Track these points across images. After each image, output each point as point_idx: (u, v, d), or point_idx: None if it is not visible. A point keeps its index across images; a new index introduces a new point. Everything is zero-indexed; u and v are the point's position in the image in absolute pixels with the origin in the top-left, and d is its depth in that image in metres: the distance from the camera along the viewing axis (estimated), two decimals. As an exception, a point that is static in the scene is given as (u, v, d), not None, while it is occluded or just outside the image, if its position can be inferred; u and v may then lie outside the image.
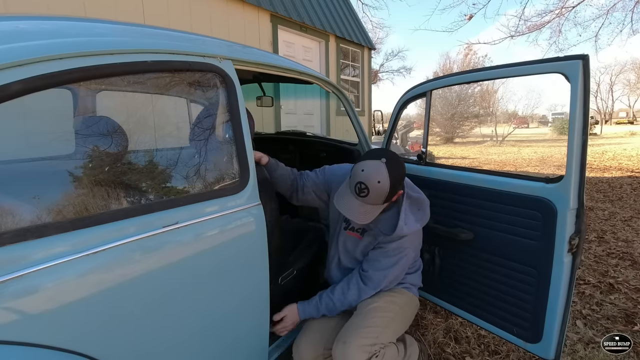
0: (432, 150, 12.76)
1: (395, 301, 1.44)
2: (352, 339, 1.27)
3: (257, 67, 1.30)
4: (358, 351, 1.24)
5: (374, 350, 1.27)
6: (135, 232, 0.85)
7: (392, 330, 1.39)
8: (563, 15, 7.34)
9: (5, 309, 0.67)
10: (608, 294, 2.34)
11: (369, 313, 1.37)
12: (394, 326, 1.40)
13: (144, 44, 0.94)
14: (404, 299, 1.47)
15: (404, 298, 1.48)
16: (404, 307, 1.46)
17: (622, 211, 4.28)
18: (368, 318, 1.35)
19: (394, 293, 1.46)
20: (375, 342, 1.28)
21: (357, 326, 1.32)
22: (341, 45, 6.31)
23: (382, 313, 1.37)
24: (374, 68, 20.56)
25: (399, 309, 1.43)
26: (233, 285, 1.10)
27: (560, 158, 9.91)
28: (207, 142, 1.12)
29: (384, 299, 1.42)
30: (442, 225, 1.62)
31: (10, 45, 0.71)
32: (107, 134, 1.00)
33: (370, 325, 1.32)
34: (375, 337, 1.29)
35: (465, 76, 1.58)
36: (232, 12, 4.23)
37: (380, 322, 1.34)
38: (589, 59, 1.16)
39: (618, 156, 9.83)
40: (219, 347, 1.09)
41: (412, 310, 1.54)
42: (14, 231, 0.69)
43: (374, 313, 1.36)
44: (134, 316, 0.85)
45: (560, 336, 1.29)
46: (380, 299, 1.42)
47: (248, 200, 1.13)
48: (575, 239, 1.23)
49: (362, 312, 1.38)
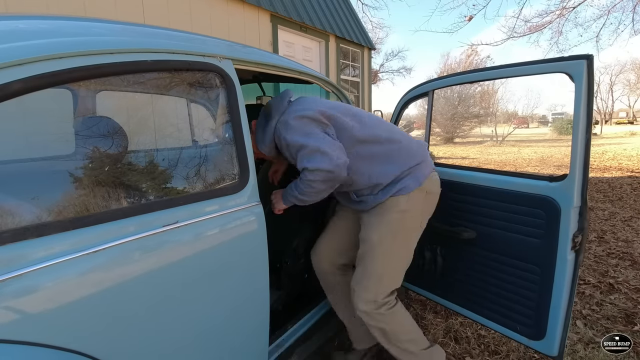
0: (432, 150, 12.74)
1: (386, 229, 1.35)
2: (357, 289, 1.38)
3: (257, 67, 1.30)
4: (364, 304, 1.36)
5: (382, 301, 1.36)
6: (135, 231, 0.85)
7: (393, 267, 1.39)
8: (563, 16, 7.35)
9: (4, 308, 0.66)
10: (608, 294, 2.34)
11: (365, 257, 1.38)
12: (394, 261, 1.38)
13: (144, 43, 0.94)
14: (397, 216, 1.34)
15: (396, 215, 1.34)
16: (399, 227, 1.36)
17: (622, 211, 4.28)
18: (366, 264, 1.38)
19: (383, 211, 1.36)
20: (378, 292, 1.35)
21: (360, 275, 1.39)
22: (341, 45, 6.31)
23: (376, 254, 1.36)
24: (374, 68, 20.57)
25: (390, 238, 1.35)
26: (233, 284, 1.10)
27: (560, 158, 9.91)
28: (207, 141, 1.12)
29: (376, 229, 1.36)
30: (444, 224, 1.62)
31: (10, 45, 0.71)
32: (106, 134, 0.99)
33: (369, 275, 1.36)
34: (376, 287, 1.35)
35: (468, 76, 1.58)
36: (232, 12, 4.23)
37: (376, 269, 1.36)
38: (593, 58, 1.17)
39: (618, 156, 9.83)
40: (219, 346, 1.09)
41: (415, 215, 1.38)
42: (13, 230, 0.69)
43: (370, 257, 1.37)
44: (134, 315, 0.85)
45: (564, 333, 1.30)
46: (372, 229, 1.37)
47: (248, 200, 1.13)
48: (579, 237, 1.24)
49: (360, 253, 1.41)
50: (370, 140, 1.34)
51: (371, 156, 1.34)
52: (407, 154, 1.37)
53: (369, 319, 1.39)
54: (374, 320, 1.38)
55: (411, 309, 2.21)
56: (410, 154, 1.38)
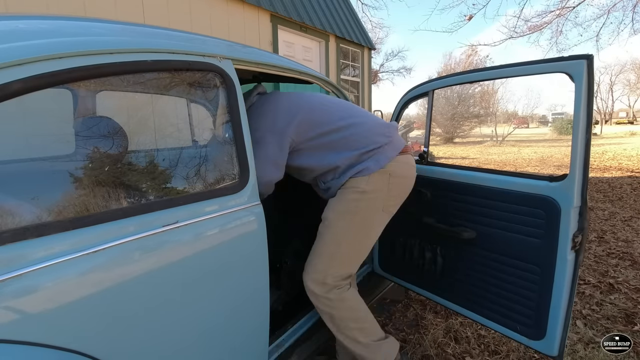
0: (432, 150, 12.76)
1: (343, 208, 1.33)
2: (307, 268, 1.36)
3: (257, 67, 1.30)
4: (312, 283, 1.33)
5: (332, 284, 1.32)
6: (135, 231, 0.85)
7: (346, 249, 1.34)
8: (563, 15, 7.35)
9: (4, 308, 0.66)
10: (608, 294, 2.34)
11: (320, 235, 1.36)
12: (347, 243, 1.34)
13: (144, 43, 0.94)
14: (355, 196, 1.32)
15: (354, 195, 1.32)
16: (356, 207, 1.32)
17: (622, 211, 4.28)
18: (319, 242, 1.36)
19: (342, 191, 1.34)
20: (327, 274, 1.32)
21: (312, 253, 1.37)
22: (341, 45, 6.31)
23: (330, 232, 1.33)
24: (374, 68, 20.57)
25: (347, 218, 1.32)
26: (233, 284, 1.10)
27: (560, 158, 9.91)
28: (207, 141, 1.12)
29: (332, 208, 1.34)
30: (444, 224, 1.62)
31: (10, 45, 0.71)
32: (106, 134, 0.99)
33: (319, 254, 1.34)
34: (326, 268, 1.32)
35: (468, 76, 1.58)
36: (232, 12, 4.23)
37: (328, 248, 1.33)
38: (593, 58, 1.17)
39: (618, 156, 9.83)
40: (219, 346, 1.09)
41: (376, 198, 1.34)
42: (13, 230, 0.69)
43: (321, 237, 1.35)
44: (134, 315, 0.85)
45: (564, 333, 1.30)
46: (329, 208, 1.35)
47: (248, 200, 1.13)
48: (579, 237, 1.24)
49: (318, 232, 1.38)
50: (327, 132, 1.33)
51: (330, 143, 1.34)
52: (368, 136, 1.35)
53: (317, 302, 1.35)
54: (322, 304, 1.34)
55: (411, 309, 2.21)
56: (372, 136, 1.36)
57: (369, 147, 1.34)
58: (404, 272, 1.88)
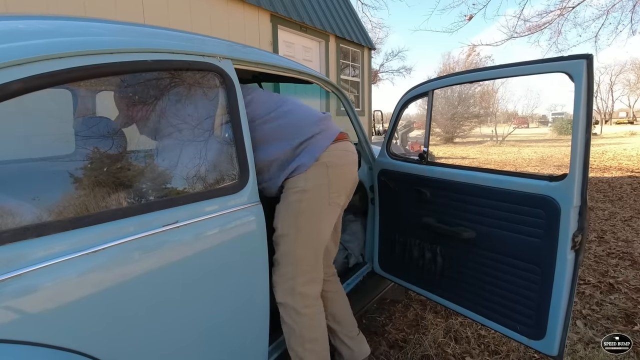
0: (432, 150, 12.76)
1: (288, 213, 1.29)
2: (274, 282, 1.31)
3: (256, 67, 1.30)
4: (284, 296, 1.30)
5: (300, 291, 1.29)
6: (135, 231, 0.85)
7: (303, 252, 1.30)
8: (563, 15, 7.35)
9: (4, 308, 0.66)
10: (608, 294, 2.34)
11: (275, 249, 1.31)
12: (302, 246, 1.29)
13: (144, 43, 0.94)
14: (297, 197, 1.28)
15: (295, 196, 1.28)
16: (301, 209, 1.28)
17: (622, 211, 4.28)
18: (277, 255, 1.31)
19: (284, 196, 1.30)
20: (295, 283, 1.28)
21: (274, 267, 1.32)
22: (341, 45, 6.31)
23: (283, 244, 1.29)
24: (374, 68, 20.57)
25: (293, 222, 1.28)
26: (233, 284, 1.10)
27: (560, 158, 9.91)
28: (206, 141, 1.11)
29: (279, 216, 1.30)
30: (444, 224, 1.62)
31: (9, 45, 0.71)
32: (106, 134, 0.99)
33: (281, 265, 1.30)
34: (293, 277, 1.28)
35: (468, 76, 1.57)
36: (232, 12, 4.23)
37: (286, 259, 1.29)
38: (593, 58, 1.17)
39: (618, 156, 9.84)
40: (219, 346, 1.09)
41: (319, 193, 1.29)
42: (13, 230, 0.69)
43: (277, 247, 1.31)
44: (134, 315, 0.85)
45: (564, 333, 1.30)
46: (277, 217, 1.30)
47: (248, 200, 1.13)
48: (578, 236, 1.24)
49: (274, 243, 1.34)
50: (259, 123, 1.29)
51: (262, 137, 1.28)
52: (300, 126, 1.30)
53: (284, 313, 1.31)
54: (288, 316, 1.30)
55: (411, 309, 2.21)
56: (304, 126, 1.31)
57: (301, 138, 1.28)
58: (404, 272, 1.88)
